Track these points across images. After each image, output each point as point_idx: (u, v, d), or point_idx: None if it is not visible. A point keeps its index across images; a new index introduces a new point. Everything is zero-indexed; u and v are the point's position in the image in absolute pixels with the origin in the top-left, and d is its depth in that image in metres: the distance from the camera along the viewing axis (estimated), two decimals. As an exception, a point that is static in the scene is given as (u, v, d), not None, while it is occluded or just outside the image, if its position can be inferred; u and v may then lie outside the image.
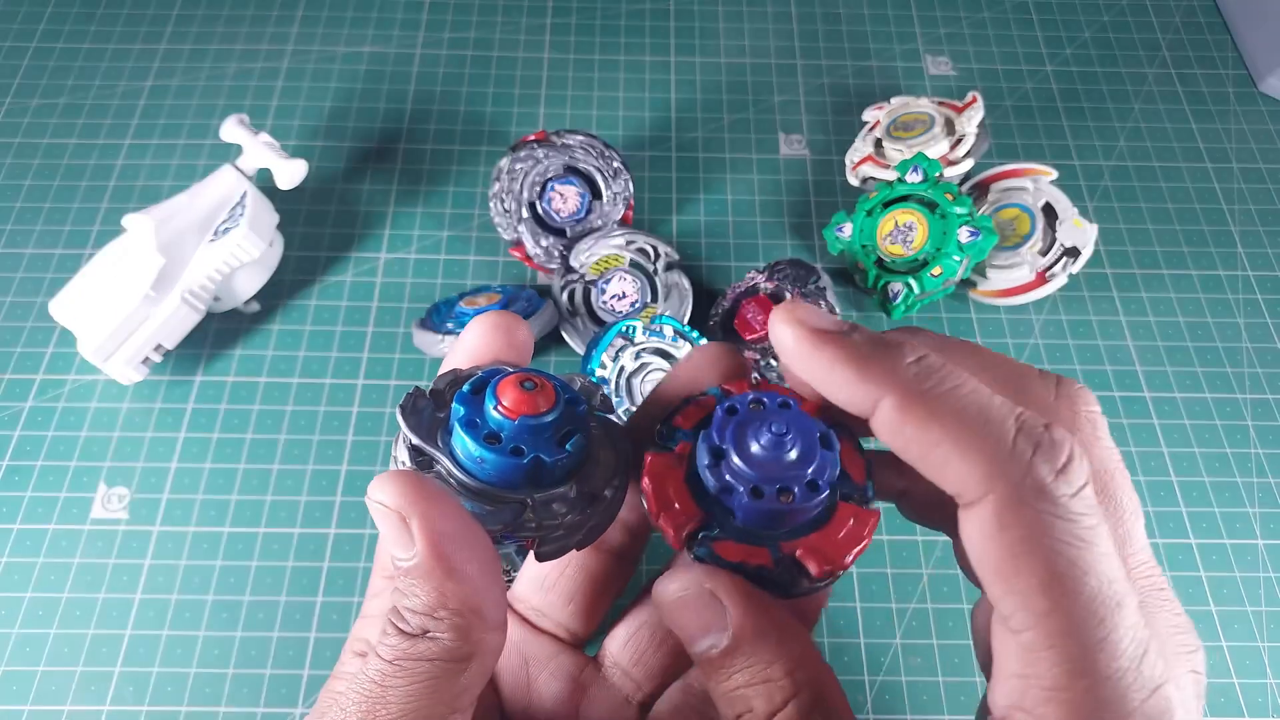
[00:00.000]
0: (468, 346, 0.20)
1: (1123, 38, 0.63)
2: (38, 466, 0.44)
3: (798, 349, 0.17)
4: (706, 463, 0.18)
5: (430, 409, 0.18)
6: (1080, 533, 0.15)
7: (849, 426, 0.19)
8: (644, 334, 0.44)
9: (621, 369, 0.44)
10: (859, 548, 0.18)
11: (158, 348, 0.45)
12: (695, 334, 0.45)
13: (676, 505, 0.18)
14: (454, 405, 0.18)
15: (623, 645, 0.22)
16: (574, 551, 0.18)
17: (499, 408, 0.18)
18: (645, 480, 0.18)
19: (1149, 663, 0.15)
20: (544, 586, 0.22)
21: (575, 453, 0.18)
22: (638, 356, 0.44)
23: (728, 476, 0.18)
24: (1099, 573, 0.15)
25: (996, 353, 0.18)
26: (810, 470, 0.18)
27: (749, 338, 0.46)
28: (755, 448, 0.18)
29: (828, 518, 0.18)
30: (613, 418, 0.20)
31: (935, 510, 0.22)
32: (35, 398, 0.46)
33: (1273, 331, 0.51)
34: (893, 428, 0.16)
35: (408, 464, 0.18)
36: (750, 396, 0.19)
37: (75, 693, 0.39)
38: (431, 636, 0.16)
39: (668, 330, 0.44)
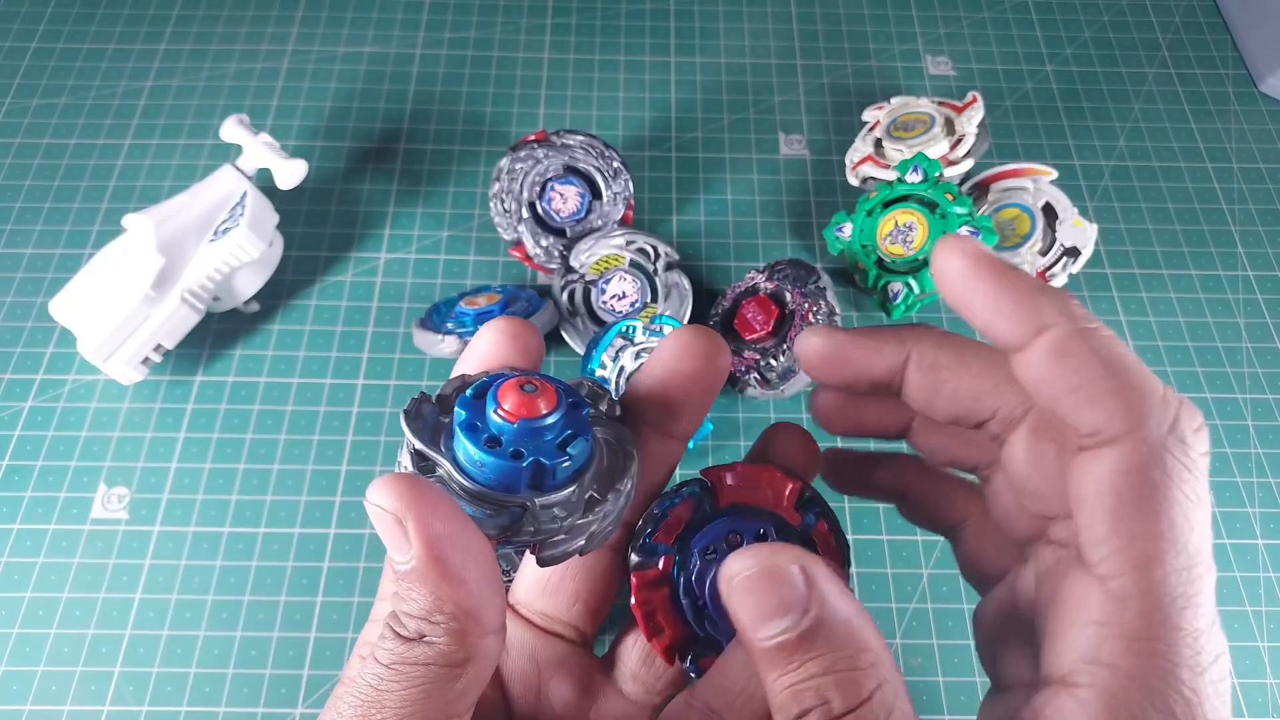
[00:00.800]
0: (478, 352, 0.20)
1: (1123, 38, 0.63)
2: (37, 466, 0.44)
3: (975, 270, 0.17)
4: (709, 596, 0.20)
5: (434, 413, 0.18)
6: (1200, 490, 0.15)
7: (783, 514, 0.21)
8: (644, 334, 0.44)
9: (622, 369, 0.44)
10: None
11: (158, 348, 0.45)
12: (695, 334, 0.45)
13: (665, 630, 0.20)
14: (456, 409, 0.18)
15: (632, 648, 0.21)
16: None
17: (499, 411, 0.17)
18: (634, 604, 0.20)
19: (1216, 632, 0.15)
20: (547, 590, 0.21)
21: (577, 456, 0.18)
22: (638, 356, 0.44)
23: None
24: (1201, 532, 0.15)
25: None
26: None
27: (749, 337, 0.46)
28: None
29: None
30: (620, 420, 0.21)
31: (933, 510, 0.22)
32: (35, 397, 0.46)
33: (1273, 331, 0.51)
34: (1058, 355, 0.16)
35: (410, 468, 0.18)
36: (714, 528, 0.20)
37: (75, 693, 0.39)
38: (428, 641, 0.16)
39: (668, 330, 0.44)
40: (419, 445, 0.18)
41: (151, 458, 0.45)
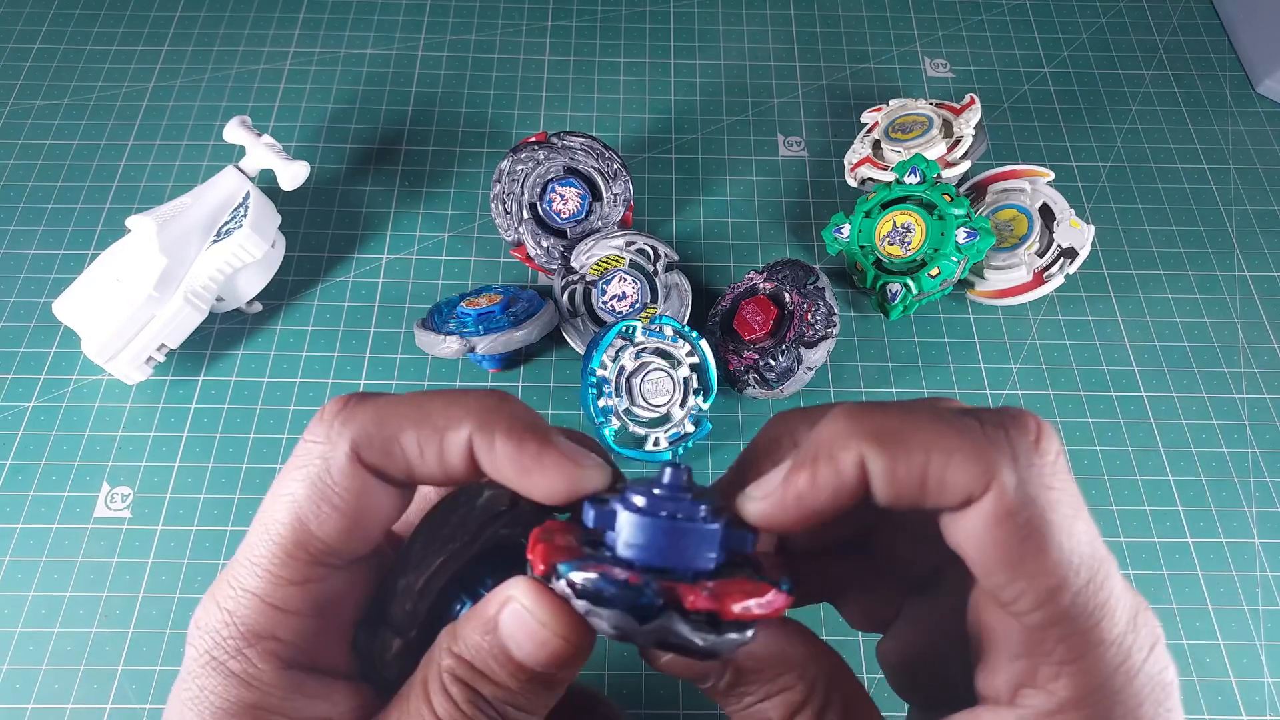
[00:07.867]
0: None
1: (1120, 40, 0.63)
2: (41, 466, 0.44)
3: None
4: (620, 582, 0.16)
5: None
6: (1070, 501, 0.16)
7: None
8: (644, 334, 0.44)
9: (622, 369, 0.44)
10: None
11: (161, 347, 0.45)
12: (695, 334, 0.45)
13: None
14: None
15: None
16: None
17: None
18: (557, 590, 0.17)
19: (1142, 621, 0.16)
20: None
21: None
22: (638, 356, 0.45)
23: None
24: (1088, 537, 0.16)
25: (952, 404, 0.18)
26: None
27: (748, 338, 0.46)
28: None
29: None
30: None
31: (814, 589, 0.22)
32: (39, 397, 0.46)
33: (1269, 332, 0.51)
34: (884, 480, 0.16)
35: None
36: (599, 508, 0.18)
37: (78, 691, 0.39)
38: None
39: (667, 330, 0.45)
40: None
41: (154, 457, 0.45)
